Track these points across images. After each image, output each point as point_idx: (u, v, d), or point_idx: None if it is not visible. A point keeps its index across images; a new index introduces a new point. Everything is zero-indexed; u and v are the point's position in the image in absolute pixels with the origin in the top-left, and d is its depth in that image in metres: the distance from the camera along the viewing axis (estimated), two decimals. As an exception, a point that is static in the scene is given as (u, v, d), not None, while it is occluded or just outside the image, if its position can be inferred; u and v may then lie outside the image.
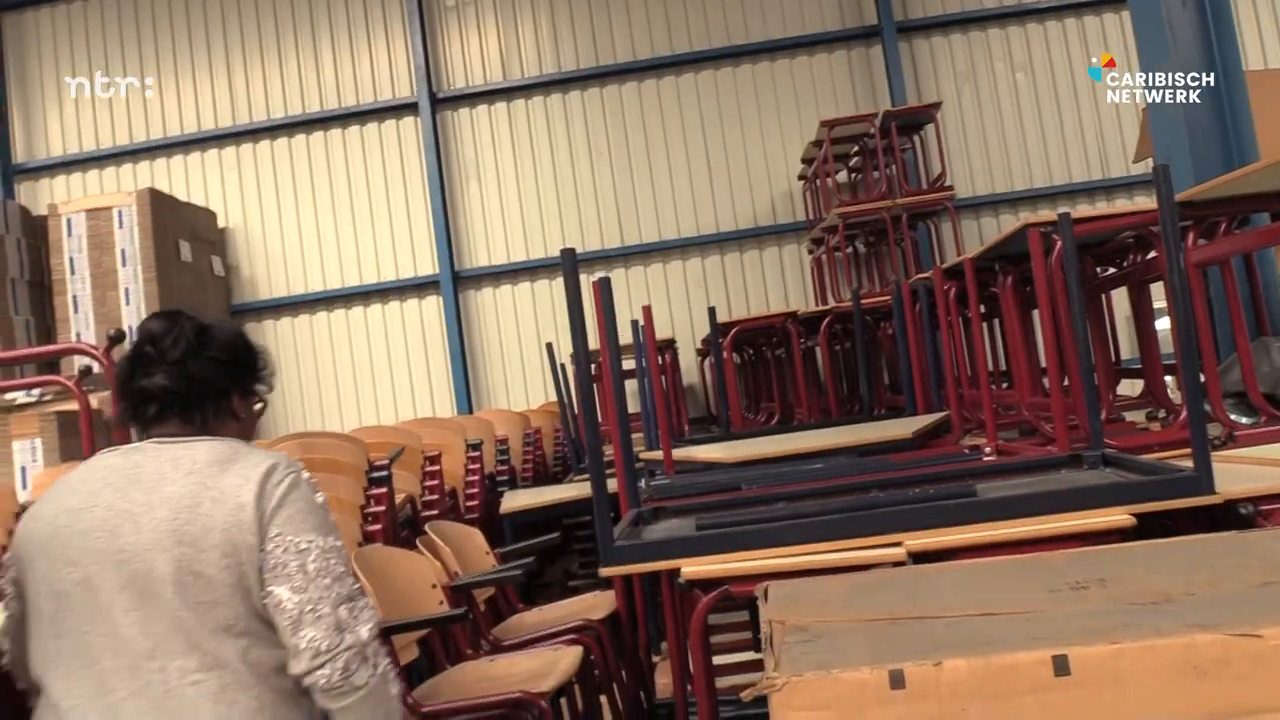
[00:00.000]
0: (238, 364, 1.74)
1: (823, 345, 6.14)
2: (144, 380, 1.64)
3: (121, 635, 1.49)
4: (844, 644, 1.60)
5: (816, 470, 3.26)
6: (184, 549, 1.50)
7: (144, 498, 1.54)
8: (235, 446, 1.64)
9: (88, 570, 1.52)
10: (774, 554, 2.33)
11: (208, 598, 1.50)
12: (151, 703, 1.48)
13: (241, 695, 1.50)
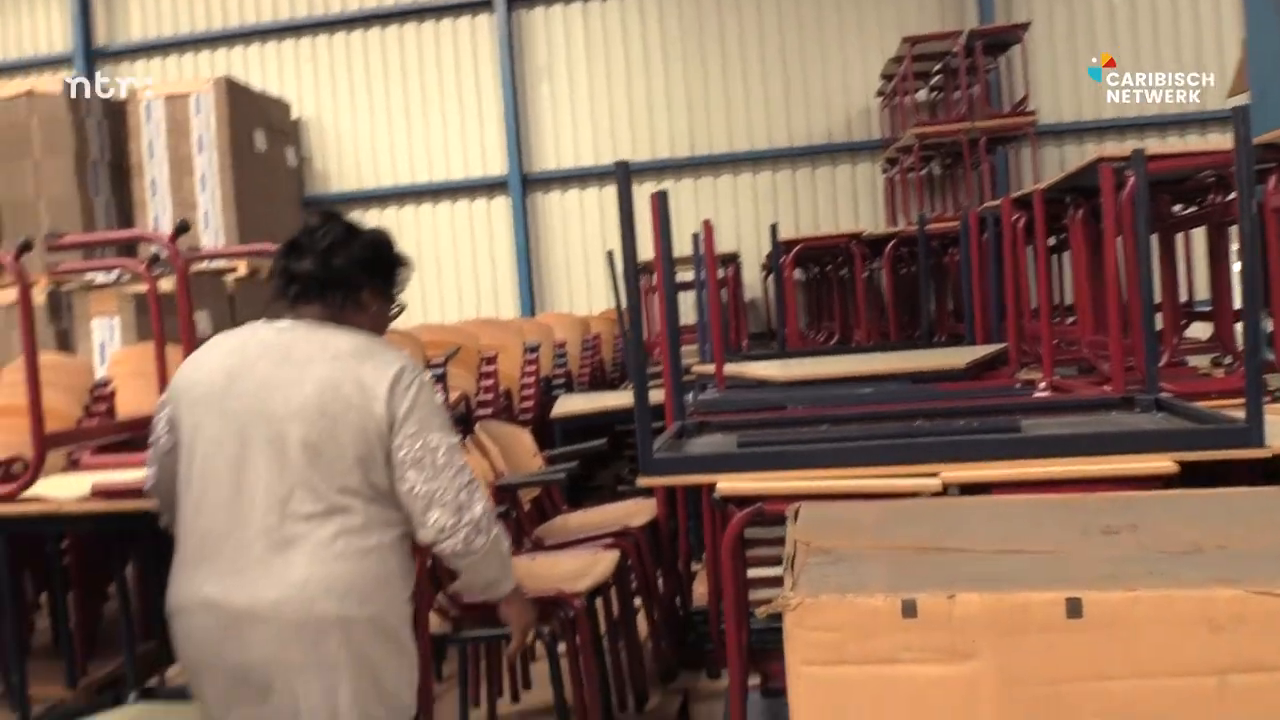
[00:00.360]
0: (374, 262, 1.95)
1: (886, 268, 6.05)
2: (294, 264, 1.90)
3: (263, 481, 1.76)
4: (864, 570, 1.63)
5: (864, 395, 3.26)
6: (324, 421, 1.77)
7: (295, 373, 1.80)
8: (371, 341, 1.89)
9: (241, 424, 1.79)
10: (811, 475, 2.36)
11: (335, 464, 1.77)
12: (281, 536, 1.75)
13: (355, 539, 1.77)
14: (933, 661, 1.45)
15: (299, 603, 1.73)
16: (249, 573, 1.74)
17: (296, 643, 1.73)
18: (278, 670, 1.74)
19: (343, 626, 1.74)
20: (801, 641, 1.50)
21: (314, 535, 1.75)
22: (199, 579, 1.78)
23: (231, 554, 1.76)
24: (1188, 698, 1.37)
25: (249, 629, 1.73)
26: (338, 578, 1.74)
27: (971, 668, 1.44)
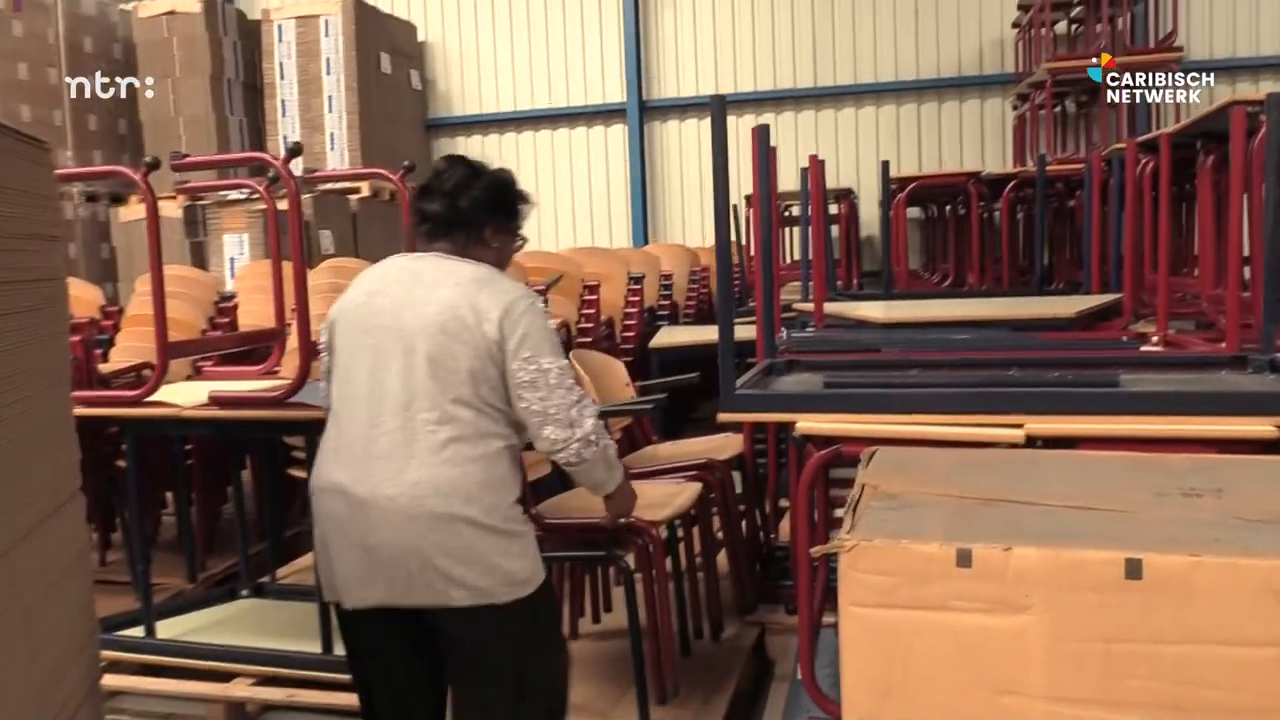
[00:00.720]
0: (495, 203, 2.17)
1: (1003, 210, 5.83)
2: (425, 204, 2.15)
3: (391, 387, 2.00)
4: (926, 517, 1.63)
5: (962, 340, 3.18)
6: (443, 338, 1.99)
7: (424, 294, 2.04)
8: (492, 272, 2.11)
9: (377, 339, 2.04)
10: (893, 419, 2.34)
11: (450, 378, 1.98)
12: (402, 437, 1.97)
13: (464, 446, 1.97)
14: (984, 612, 1.45)
15: (410, 499, 1.94)
16: (371, 466, 1.98)
17: (410, 531, 1.94)
18: (395, 551, 1.95)
19: (449, 521, 1.94)
20: (854, 583, 1.52)
21: (429, 440, 1.96)
22: (334, 466, 2.04)
23: (361, 449, 2.00)
24: (1244, 668, 1.34)
25: (371, 514, 1.96)
26: (445, 480, 1.95)
27: (1022, 621, 1.44)
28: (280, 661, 3.05)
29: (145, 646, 3.21)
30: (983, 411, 2.28)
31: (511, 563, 2.01)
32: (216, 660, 3.11)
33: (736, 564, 3.21)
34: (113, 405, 3.13)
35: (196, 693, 3.02)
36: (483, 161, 2.22)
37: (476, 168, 2.19)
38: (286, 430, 3.04)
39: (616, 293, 5.33)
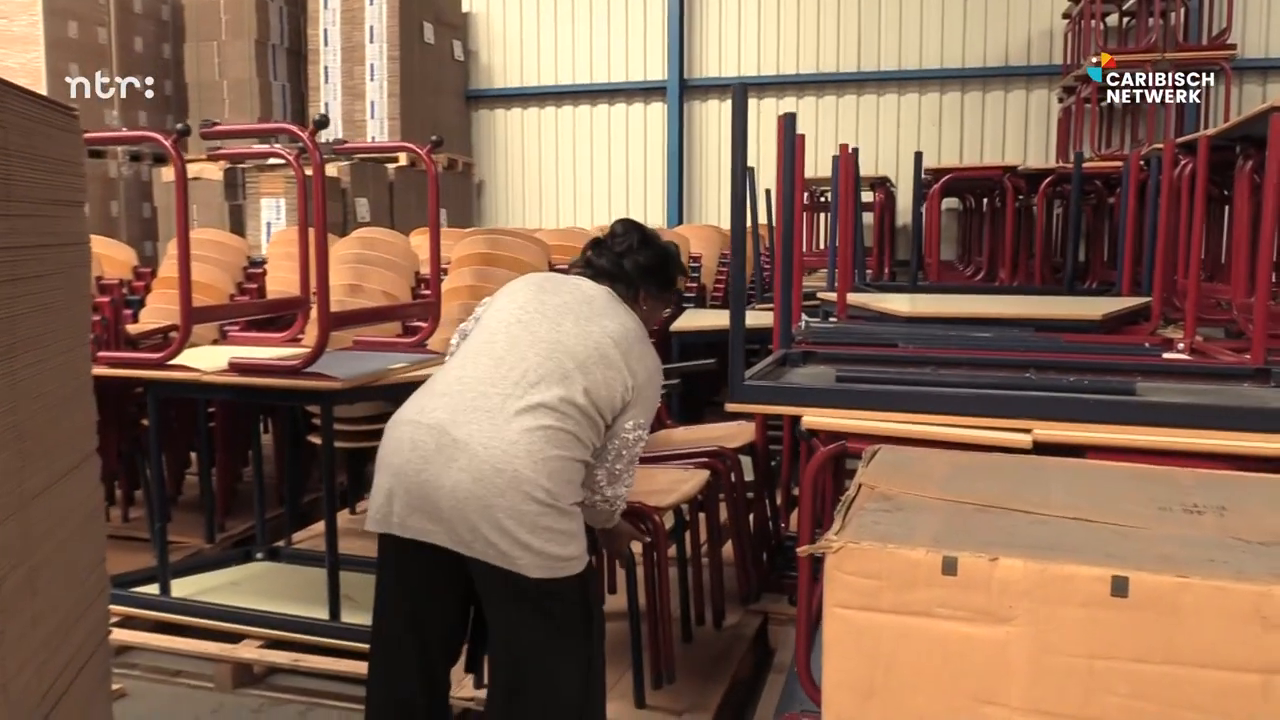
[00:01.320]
0: (656, 271, 2.38)
1: (1039, 206, 5.73)
2: (594, 257, 2.37)
3: (529, 363, 2.12)
4: (918, 521, 1.61)
5: (982, 339, 3.14)
6: (596, 356, 2.14)
7: (592, 314, 2.21)
8: (645, 334, 2.29)
9: (533, 321, 2.18)
10: (900, 418, 2.32)
11: (580, 387, 2.10)
12: (516, 405, 2.07)
13: (564, 441, 2.07)
14: (967, 620, 1.44)
15: (503, 454, 2.02)
16: (478, 415, 2.06)
17: (490, 483, 2.00)
18: (468, 500, 2.00)
19: (528, 488, 2.01)
20: (840, 584, 1.51)
21: (539, 419, 2.05)
22: (436, 405, 2.11)
23: (471, 399, 2.08)
24: (1227, 692, 1.32)
25: (457, 454, 2.02)
26: (539, 453, 2.04)
27: (1005, 632, 1.43)
28: (288, 625, 3.10)
29: (159, 604, 3.28)
30: (991, 415, 2.25)
31: (568, 543, 2.08)
32: (226, 621, 3.17)
33: (743, 552, 3.21)
34: (136, 366, 3.18)
35: (205, 652, 3.08)
36: (655, 232, 2.44)
37: (648, 235, 2.41)
38: (301, 399, 3.08)
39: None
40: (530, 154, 10.25)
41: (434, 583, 2.16)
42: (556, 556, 2.05)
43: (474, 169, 10.14)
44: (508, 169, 10.35)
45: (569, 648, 2.13)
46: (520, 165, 10.28)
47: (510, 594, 2.07)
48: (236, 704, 2.97)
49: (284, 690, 3.02)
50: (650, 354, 2.26)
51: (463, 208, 9.58)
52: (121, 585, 3.40)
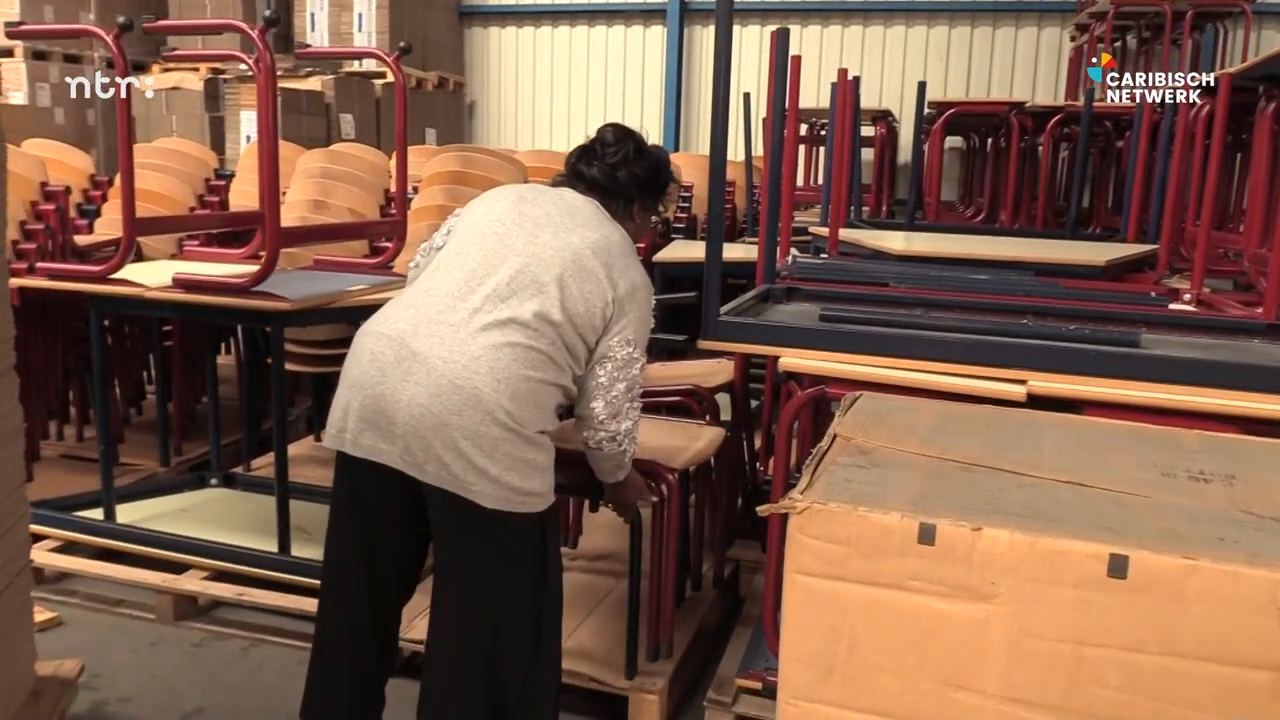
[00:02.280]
0: (651, 184, 2.23)
1: (1044, 146, 5.49)
2: (583, 167, 2.20)
3: (501, 276, 1.97)
4: (895, 480, 1.45)
5: (979, 282, 2.95)
6: (573, 269, 1.98)
7: (572, 223, 2.05)
8: (632, 248, 2.13)
9: (510, 235, 2.02)
10: (885, 362, 2.14)
11: (554, 303, 1.94)
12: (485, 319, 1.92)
13: (533, 360, 1.91)
14: (943, 596, 1.28)
15: (463, 369, 1.87)
16: (440, 328, 1.92)
17: (448, 400, 1.86)
18: (424, 417, 1.86)
19: (488, 409, 1.86)
20: (802, 548, 1.35)
21: (508, 335, 1.90)
22: (400, 316, 1.98)
23: (437, 311, 1.94)
24: (1233, 690, 1.17)
25: (415, 368, 1.89)
26: (503, 371, 1.88)
27: (985, 610, 1.27)
28: (234, 557, 2.96)
29: (101, 530, 3.13)
30: (983, 363, 2.08)
31: (531, 476, 1.92)
32: (170, 550, 3.02)
33: (715, 497, 3.05)
34: (77, 279, 2.98)
35: (146, 581, 2.93)
36: (642, 135, 2.25)
37: (641, 143, 2.23)
38: (246, 319, 2.89)
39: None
40: (525, 75, 9.92)
41: (387, 507, 2.01)
42: (515, 488, 1.89)
43: (465, 88, 9.81)
44: (500, 90, 10.03)
45: (521, 581, 1.98)
46: (514, 86, 9.95)
47: (460, 522, 1.92)
48: (176, 637, 2.83)
49: (228, 624, 2.88)
50: (636, 267, 2.09)
51: (453, 128, 9.29)
52: (65, 508, 3.24)
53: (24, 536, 2.26)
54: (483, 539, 1.93)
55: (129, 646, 2.78)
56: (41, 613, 2.88)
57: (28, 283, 3.04)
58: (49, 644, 2.78)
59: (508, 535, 1.93)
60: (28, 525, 2.28)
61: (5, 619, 2.16)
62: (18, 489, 2.23)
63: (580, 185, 2.18)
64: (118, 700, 2.54)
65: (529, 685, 2.02)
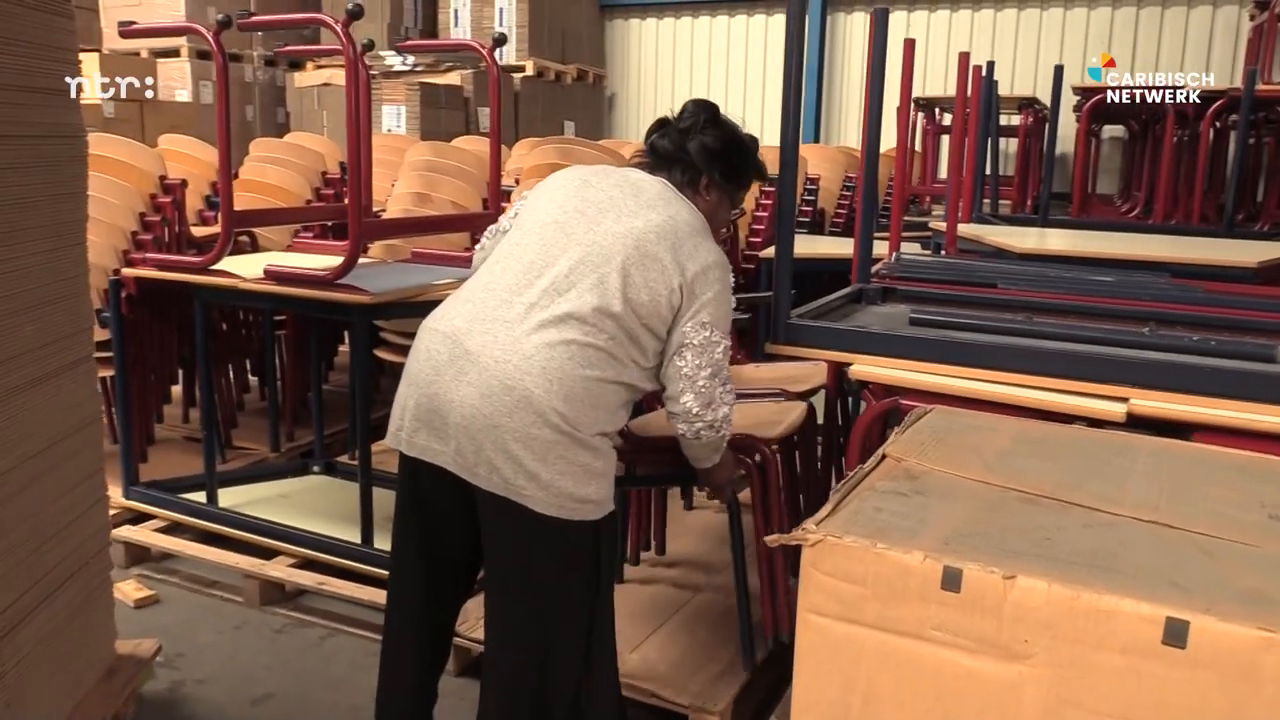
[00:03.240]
0: (723, 156, 2.06)
1: (1203, 135, 5.01)
2: (657, 138, 2.08)
3: (559, 268, 1.86)
4: (937, 512, 1.28)
5: (1100, 284, 2.67)
6: (636, 256, 1.86)
7: (637, 207, 1.93)
8: (706, 226, 1.99)
9: (571, 222, 1.92)
10: (966, 373, 1.95)
11: (618, 294, 1.83)
12: (540, 315, 1.83)
13: (591, 358, 1.81)
14: (970, 651, 1.12)
15: (514, 369, 1.79)
16: (495, 325, 1.83)
17: (498, 401, 1.78)
18: (475, 418, 1.80)
19: (539, 411, 1.77)
20: (816, 586, 1.21)
21: (562, 333, 1.81)
22: (457, 312, 1.90)
23: (493, 307, 1.86)
24: (1312, 793, 0.96)
25: (468, 367, 1.81)
26: (556, 370, 1.79)
27: (1018, 672, 1.09)
28: (318, 545, 2.98)
29: (202, 512, 3.21)
30: (1081, 377, 1.86)
31: (586, 482, 1.82)
32: (262, 535, 3.08)
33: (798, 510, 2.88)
34: (180, 270, 3.06)
35: (237, 565, 2.99)
36: (735, 122, 2.13)
37: (719, 115, 2.10)
38: (329, 310, 2.88)
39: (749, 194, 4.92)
40: (664, 67, 9.85)
41: (443, 507, 1.94)
42: (569, 494, 1.80)
43: (605, 81, 9.81)
44: (640, 82, 9.99)
45: (572, 590, 1.89)
46: (654, 78, 9.89)
47: (510, 528, 1.83)
48: (260, 622, 2.87)
49: (310, 612, 2.90)
50: (707, 246, 1.94)
51: (592, 121, 9.30)
52: (173, 490, 3.35)
53: (102, 520, 2.32)
54: (533, 546, 1.84)
55: (215, 628, 2.84)
56: (141, 590, 2.99)
57: (138, 273, 3.15)
58: (143, 620, 2.88)
59: (560, 542, 1.84)
60: (106, 509, 2.34)
61: (82, 598, 2.23)
62: (95, 473, 2.29)
63: (652, 159, 2.06)
64: (195, 681, 2.59)
65: (581, 697, 1.93)
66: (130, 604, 2.93)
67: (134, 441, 3.36)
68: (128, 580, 3.04)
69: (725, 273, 1.94)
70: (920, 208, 6.82)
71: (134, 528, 3.24)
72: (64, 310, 2.12)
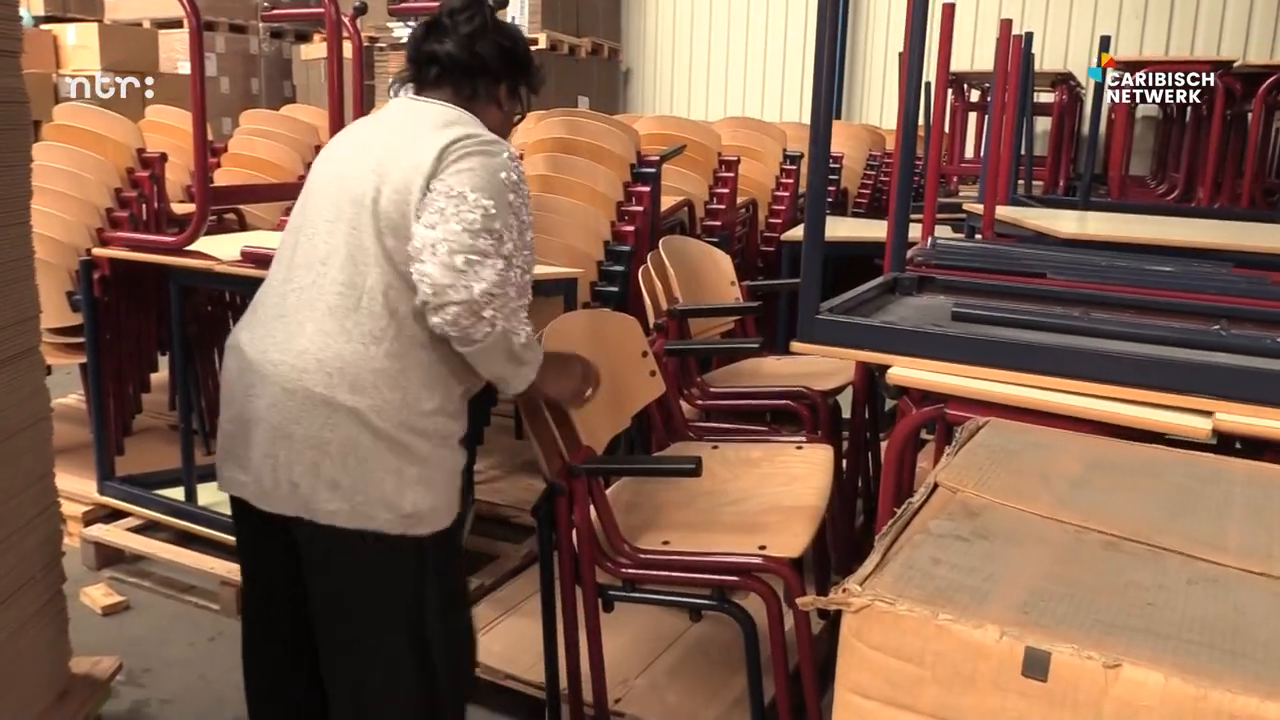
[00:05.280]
0: (516, 57, 1.80)
1: (1254, 113, 4.72)
2: (434, 45, 1.74)
3: (317, 241, 1.64)
4: (1006, 563, 1.04)
5: (1160, 275, 2.41)
6: (376, 182, 1.60)
7: (377, 138, 1.68)
8: (465, 118, 1.69)
9: (321, 185, 1.69)
10: (1024, 379, 1.70)
11: (371, 229, 1.59)
12: (309, 296, 1.62)
13: (371, 320, 1.58)
14: (1058, 757, 0.88)
15: (291, 370, 1.60)
16: (270, 327, 1.66)
17: (284, 409, 1.60)
18: (266, 431, 1.62)
19: (329, 408, 1.57)
20: (858, 660, 0.97)
21: (333, 305, 1.60)
22: (244, 325, 1.73)
23: (272, 307, 1.68)
24: None
25: (256, 381, 1.64)
26: (334, 357, 1.58)
27: (1123, 788, 0.85)
28: (301, 552, 2.75)
29: (178, 510, 3.00)
30: (1157, 386, 1.60)
31: (403, 490, 1.59)
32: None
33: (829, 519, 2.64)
34: (151, 250, 2.84)
35: (211, 570, 2.77)
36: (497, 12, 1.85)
37: (497, 16, 1.81)
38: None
39: (768, 173, 4.67)
40: (682, 41, 9.57)
41: (267, 543, 1.73)
42: (381, 503, 1.57)
43: (621, 55, 9.53)
44: (657, 57, 9.71)
45: (391, 617, 1.66)
46: (670, 53, 9.62)
47: (319, 552, 1.63)
48: (235, 632, 2.55)
49: (291, 623, 2.69)
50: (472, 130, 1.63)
51: (607, 96, 9.04)
52: (150, 485, 3.14)
53: (52, 528, 2.10)
54: (341, 568, 1.64)
55: (187, 640, 2.62)
56: (110, 595, 2.78)
57: (110, 253, 2.93)
58: (110, 630, 2.67)
59: (373, 563, 1.62)
60: (57, 517, 2.12)
61: (29, 615, 2.01)
62: (43, 478, 2.06)
63: (432, 71, 1.72)
64: (159, 701, 2.38)
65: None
66: (98, 611, 2.72)
67: (109, 433, 3.14)
68: (97, 585, 2.83)
69: (483, 142, 1.62)
70: (948, 188, 6.54)
71: (106, 526, 3.02)
72: (3, 298, 1.89)
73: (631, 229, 3.20)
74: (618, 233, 3.21)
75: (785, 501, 1.96)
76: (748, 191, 4.39)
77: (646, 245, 3.14)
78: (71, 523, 3.10)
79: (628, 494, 2.08)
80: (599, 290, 3.10)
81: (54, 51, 6.86)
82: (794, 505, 1.94)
